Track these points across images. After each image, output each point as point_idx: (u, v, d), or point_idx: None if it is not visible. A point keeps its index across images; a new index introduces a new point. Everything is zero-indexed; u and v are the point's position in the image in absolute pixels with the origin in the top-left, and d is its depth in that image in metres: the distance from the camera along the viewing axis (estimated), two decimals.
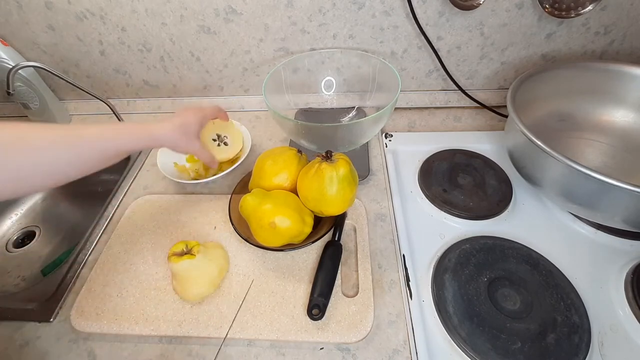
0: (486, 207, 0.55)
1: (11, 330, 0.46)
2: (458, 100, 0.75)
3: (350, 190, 0.48)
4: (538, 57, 0.68)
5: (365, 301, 0.45)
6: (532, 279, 0.46)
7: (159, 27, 0.67)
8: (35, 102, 0.73)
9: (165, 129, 0.47)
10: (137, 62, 0.73)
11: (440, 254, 0.50)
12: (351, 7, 0.63)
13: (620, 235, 0.51)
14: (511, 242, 0.50)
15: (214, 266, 0.47)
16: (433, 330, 0.44)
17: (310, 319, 0.43)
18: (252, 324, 0.44)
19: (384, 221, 0.55)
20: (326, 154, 0.47)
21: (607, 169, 0.59)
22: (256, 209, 0.47)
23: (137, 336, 0.44)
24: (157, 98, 0.80)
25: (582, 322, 0.42)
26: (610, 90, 0.60)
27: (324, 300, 0.44)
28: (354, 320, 0.44)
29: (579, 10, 0.58)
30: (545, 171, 0.49)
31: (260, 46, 0.69)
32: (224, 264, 0.49)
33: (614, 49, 0.66)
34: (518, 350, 0.40)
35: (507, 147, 0.58)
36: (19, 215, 0.74)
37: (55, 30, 0.68)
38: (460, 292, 0.46)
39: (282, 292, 0.47)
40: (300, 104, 0.72)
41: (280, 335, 0.43)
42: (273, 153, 0.54)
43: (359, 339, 0.42)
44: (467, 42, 0.66)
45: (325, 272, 0.47)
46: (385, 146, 0.68)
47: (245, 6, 0.63)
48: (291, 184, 0.52)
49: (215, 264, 0.47)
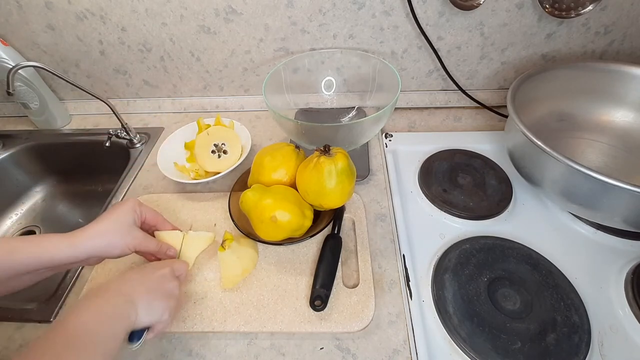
0: (486, 207, 0.55)
1: (11, 330, 0.46)
2: (458, 100, 0.75)
3: (349, 183, 0.48)
4: (538, 57, 0.68)
5: (366, 291, 0.46)
6: (532, 279, 0.46)
7: (159, 27, 0.67)
8: (35, 102, 0.73)
9: (86, 233, 0.40)
10: (137, 62, 0.73)
11: (440, 254, 0.50)
12: (351, 7, 0.63)
13: (620, 235, 0.51)
14: (511, 242, 0.50)
15: (238, 263, 0.47)
16: (433, 330, 0.44)
17: (313, 310, 0.44)
18: (255, 317, 0.44)
19: (384, 221, 0.55)
20: (324, 148, 0.47)
21: (607, 169, 0.59)
22: (257, 204, 0.47)
23: None
24: (157, 98, 0.80)
25: (582, 322, 0.42)
26: (610, 90, 0.60)
27: (325, 292, 0.45)
28: (355, 310, 0.44)
29: (579, 10, 0.58)
30: (545, 171, 0.49)
31: (260, 46, 0.69)
32: (248, 263, 0.49)
33: (614, 49, 0.66)
34: (518, 350, 0.40)
35: (507, 147, 0.58)
36: (19, 215, 0.74)
37: (55, 30, 0.68)
38: (460, 292, 0.46)
39: (284, 285, 0.48)
40: (300, 104, 0.72)
41: (283, 327, 0.43)
42: (271, 149, 0.54)
43: (361, 327, 0.43)
44: (467, 42, 0.66)
45: (326, 264, 0.48)
46: (385, 146, 0.68)
47: (245, 6, 0.63)
48: (290, 179, 0.52)
49: (241, 261, 0.48)
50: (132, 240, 0.42)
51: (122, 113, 0.69)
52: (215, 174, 0.60)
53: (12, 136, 0.76)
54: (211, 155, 0.61)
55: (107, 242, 0.40)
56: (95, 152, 0.75)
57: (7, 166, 0.74)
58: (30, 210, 0.75)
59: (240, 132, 0.66)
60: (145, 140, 0.73)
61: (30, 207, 0.75)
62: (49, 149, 0.76)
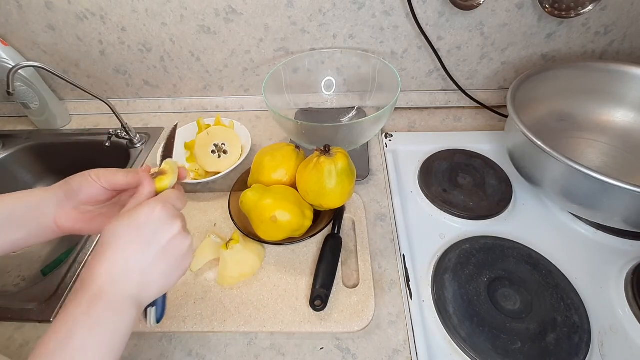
0: (486, 207, 0.55)
1: (11, 330, 0.46)
2: (458, 100, 0.75)
3: (349, 184, 0.48)
4: (538, 57, 0.68)
5: (366, 291, 0.46)
6: (532, 279, 0.46)
7: (159, 27, 0.67)
8: (35, 102, 0.73)
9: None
10: (137, 62, 0.73)
11: (440, 254, 0.50)
12: (351, 7, 0.63)
13: (620, 235, 0.51)
14: (511, 242, 0.50)
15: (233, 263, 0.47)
16: (433, 330, 0.44)
17: (313, 310, 0.44)
18: (255, 317, 0.44)
19: (384, 221, 0.55)
20: (324, 148, 0.47)
21: (607, 169, 0.59)
22: (257, 204, 0.47)
23: (137, 335, 0.44)
24: (157, 98, 0.80)
25: (582, 322, 0.42)
26: (610, 90, 0.60)
27: (325, 292, 0.45)
28: (355, 310, 0.44)
29: (579, 10, 0.58)
30: (545, 171, 0.49)
31: (260, 46, 0.69)
32: (247, 269, 0.49)
33: (614, 49, 0.66)
34: (518, 350, 0.40)
35: (507, 147, 0.58)
36: None
37: (55, 30, 0.68)
38: (460, 292, 0.46)
39: (284, 285, 0.48)
40: (300, 104, 0.72)
41: (283, 327, 0.43)
42: (271, 149, 0.54)
43: (361, 327, 0.43)
44: (467, 42, 0.66)
45: (326, 264, 0.48)
46: (385, 146, 0.68)
47: (245, 6, 0.63)
48: (290, 179, 0.52)
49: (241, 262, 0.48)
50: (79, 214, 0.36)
51: (122, 113, 0.69)
52: (215, 174, 0.60)
53: (12, 136, 0.76)
54: (211, 155, 0.61)
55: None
56: (95, 152, 0.75)
57: (7, 166, 0.74)
58: None
59: (240, 132, 0.66)
60: (145, 140, 0.73)
61: None
62: (49, 149, 0.76)
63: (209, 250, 0.50)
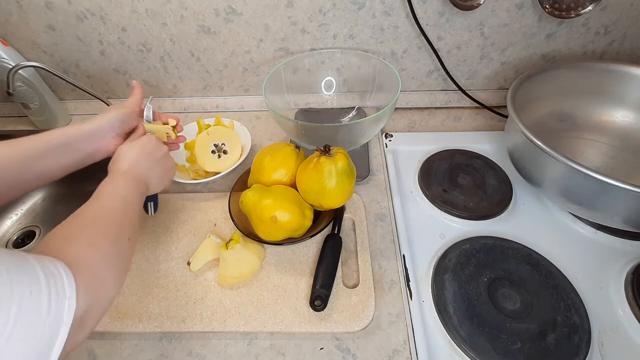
0: (486, 207, 0.55)
1: None
2: (458, 100, 0.75)
3: (349, 183, 0.48)
4: (538, 57, 0.68)
5: (366, 291, 0.46)
6: (532, 279, 0.46)
7: (159, 27, 0.67)
8: (35, 102, 0.73)
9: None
10: (137, 62, 0.73)
11: (440, 254, 0.50)
12: (351, 7, 0.63)
13: (620, 235, 0.51)
14: (511, 242, 0.50)
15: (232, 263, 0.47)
16: (433, 330, 0.44)
17: (313, 310, 0.44)
18: (255, 317, 0.44)
19: (384, 221, 0.55)
20: (324, 148, 0.47)
21: (607, 169, 0.59)
22: (257, 204, 0.47)
23: (137, 335, 0.44)
24: (157, 98, 0.80)
25: (582, 322, 0.42)
26: (610, 90, 0.60)
27: (325, 292, 0.45)
28: (355, 310, 0.44)
29: (579, 10, 0.58)
30: (545, 171, 0.49)
31: (260, 46, 0.69)
32: (247, 269, 0.48)
33: (614, 49, 0.66)
34: (518, 350, 0.40)
35: (507, 147, 0.58)
36: (19, 215, 0.74)
37: (55, 30, 0.68)
38: (460, 292, 0.46)
39: (284, 285, 0.48)
40: (300, 104, 0.72)
41: (283, 327, 0.43)
42: (271, 149, 0.54)
43: (361, 328, 0.43)
44: (467, 42, 0.66)
45: (326, 264, 0.48)
46: (385, 146, 0.68)
47: (245, 6, 0.63)
48: (290, 179, 0.52)
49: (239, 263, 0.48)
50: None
51: None
52: (215, 174, 0.60)
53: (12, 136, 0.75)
54: (211, 155, 0.61)
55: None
56: None
57: None
58: (30, 210, 0.75)
59: (240, 132, 0.66)
60: None
61: (30, 207, 0.75)
62: None
63: (209, 250, 0.50)
